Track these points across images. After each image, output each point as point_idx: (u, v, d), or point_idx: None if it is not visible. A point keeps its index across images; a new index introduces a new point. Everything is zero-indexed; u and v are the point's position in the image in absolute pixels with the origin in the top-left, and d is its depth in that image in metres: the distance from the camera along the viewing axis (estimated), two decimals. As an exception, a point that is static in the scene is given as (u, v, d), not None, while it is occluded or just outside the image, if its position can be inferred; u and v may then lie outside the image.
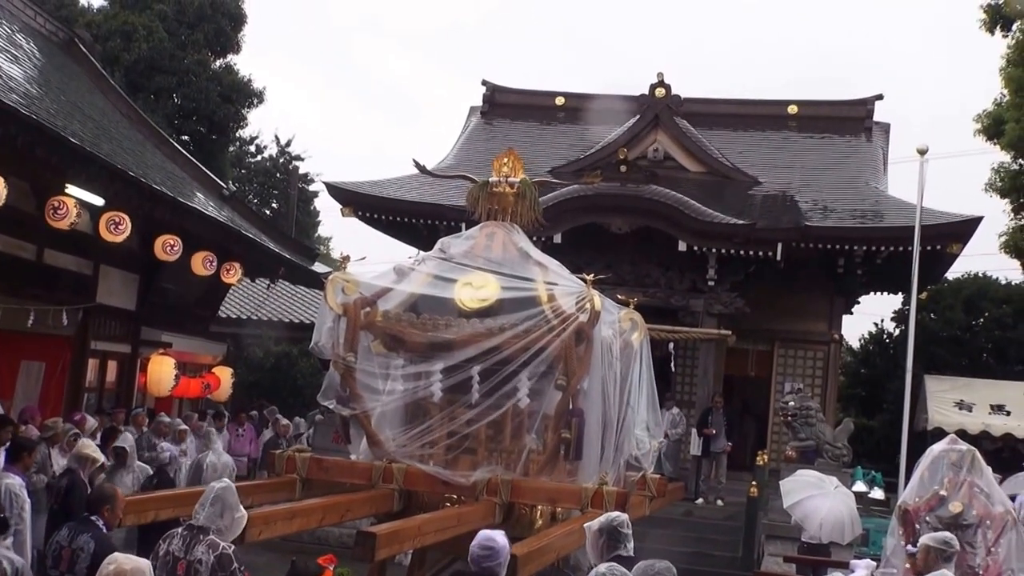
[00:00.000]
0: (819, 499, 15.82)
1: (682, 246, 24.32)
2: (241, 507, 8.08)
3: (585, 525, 8.69)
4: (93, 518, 8.54)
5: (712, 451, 23.76)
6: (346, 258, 11.41)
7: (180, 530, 8.05)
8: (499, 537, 7.84)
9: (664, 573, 6.45)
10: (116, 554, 6.38)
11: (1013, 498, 16.75)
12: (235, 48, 42.41)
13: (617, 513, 8.67)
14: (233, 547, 7.83)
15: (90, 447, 13.39)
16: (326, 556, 7.94)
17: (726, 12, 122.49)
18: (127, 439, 16.76)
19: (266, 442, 22.50)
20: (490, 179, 11.84)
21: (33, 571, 11.52)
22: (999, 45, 34.50)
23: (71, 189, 16.11)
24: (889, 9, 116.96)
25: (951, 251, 25.63)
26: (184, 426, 19.78)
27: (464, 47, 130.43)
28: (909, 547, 11.46)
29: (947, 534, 10.27)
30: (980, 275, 38.04)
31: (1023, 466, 21.19)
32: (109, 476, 14.59)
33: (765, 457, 22.96)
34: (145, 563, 6.34)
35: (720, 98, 34.17)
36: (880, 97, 32.80)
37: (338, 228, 64.10)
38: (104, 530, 8.51)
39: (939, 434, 17.52)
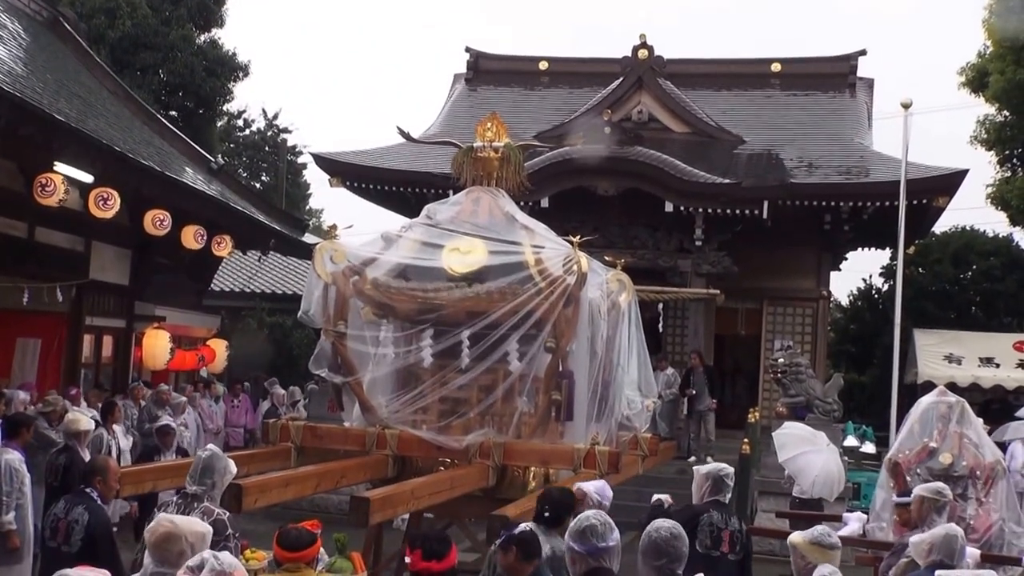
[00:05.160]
0: (813, 455, 15.91)
1: (669, 207, 24.38)
2: (230, 467, 8.25)
3: (695, 468, 9.92)
4: (88, 490, 8.65)
5: (697, 410, 23.79)
6: (333, 227, 11.50)
7: (175, 498, 8.21)
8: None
9: (593, 518, 6.56)
10: (173, 516, 6.37)
11: (1003, 447, 16.92)
12: (219, 22, 42.20)
13: (724, 464, 9.81)
14: (228, 513, 7.97)
15: (80, 421, 13.37)
16: (311, 521, 8.05)
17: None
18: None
19: (265, 413, 22.64)
20: (474, 144, 11.93)
21: (34, 544, 11.70)
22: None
23: (59, 167, 16.16)
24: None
25: (937, 205, 25.79)
26: (183, 398, 19.91)
27: (448, 13, 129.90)
28: (894, 497, 11.56)
29: (940, 484, 10.32)
30: (967, 228, 38.02)
31: (1016, 416, 21.33)
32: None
33: (756, 414, 23.10)
34: (205, 528, 6.33)
35: (703, 58, 34.14)
36: (863, 52, 32.78)
37: (329, 199, 64.23)
38: (98, 501, 8.62)
39: (929, 388, 17.62)
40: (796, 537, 7.48)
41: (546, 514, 8.05)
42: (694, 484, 9.75)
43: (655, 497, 10.00)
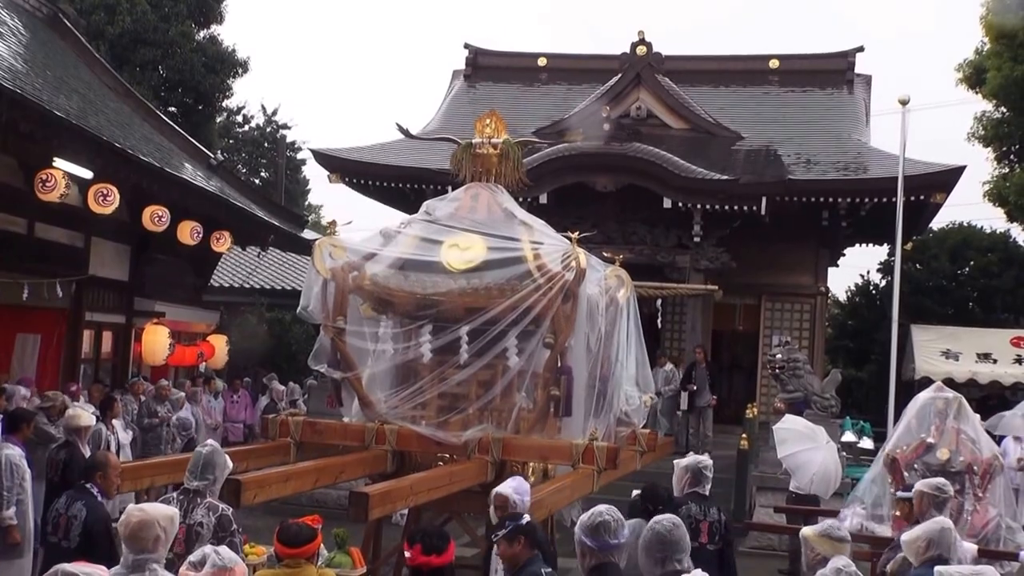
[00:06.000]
0: (813, 452, 15.96)
1: (667, 203, 24.42)
2: (228, 463, 8.31)
3: (674, 461, 10.11)
4: (88, 485, 8.68)
5: (697, 405, 23.79)
6: (333, 223, 11.52)
7: (176, 495, 8.24)
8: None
9: (606, 515, 6.64)
10: (142, 505, 6.44)
11: (995, 438, 16.94)
12: (218, 18, 42.16)
13: (704, 457, 10.09)
14: (232, 509, 8.02)
15: (80, 417, 13.37)
16: (312, 516, 8.09)
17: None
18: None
19: (264, 408, 22.69)
20: (473, 141, 11.94)
21: (35, 540, 11.74)
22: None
23: (59, 163, 16.18)
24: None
25: (935, 201, 25.82)
26: (182, 394, 19.94)
27: (448, 9, 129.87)
28: (891, 491, 11.59)
29: (940, 480, 10.32)
30: (964, 224, 38.10)
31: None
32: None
33: (755, 410, 23.16)
34: (172, 511, 6.39)
35: (701, 54, 34.25)
36: (861, 49, 32.85)
37: (328, 195, 63.98)
38: (98, 497, 8.65)
39: (927, 383, 17.66)
40: (807, 530, 7.63)
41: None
42: (674, 477, 9.96)
43: (634, 493, 10.07)
